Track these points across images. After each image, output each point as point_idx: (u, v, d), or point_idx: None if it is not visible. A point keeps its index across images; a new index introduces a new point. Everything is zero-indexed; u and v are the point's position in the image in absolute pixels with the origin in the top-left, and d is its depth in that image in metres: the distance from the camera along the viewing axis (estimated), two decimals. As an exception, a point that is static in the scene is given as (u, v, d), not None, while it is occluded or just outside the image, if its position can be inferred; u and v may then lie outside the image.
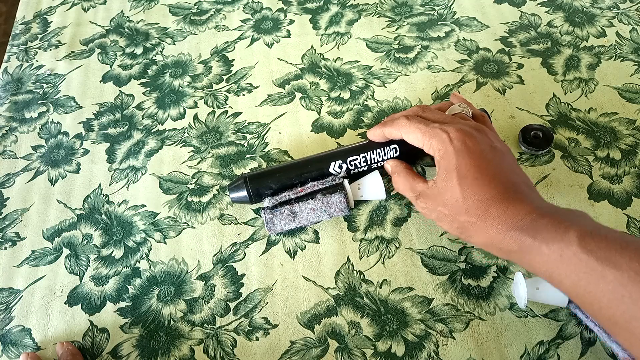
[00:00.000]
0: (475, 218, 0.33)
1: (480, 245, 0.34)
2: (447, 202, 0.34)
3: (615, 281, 0.27)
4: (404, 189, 0.39)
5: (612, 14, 0.54)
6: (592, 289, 0.28)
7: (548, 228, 0.30)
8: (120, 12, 0.60)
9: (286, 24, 0.57)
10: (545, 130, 0.45)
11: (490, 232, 0.32)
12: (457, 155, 0.34)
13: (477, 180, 0.33)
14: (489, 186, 0.33)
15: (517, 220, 0.31)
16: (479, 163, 0.33)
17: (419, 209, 0.37)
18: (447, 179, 0.34)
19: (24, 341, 0.39)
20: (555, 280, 0.30)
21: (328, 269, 0.41)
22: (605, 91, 0.49)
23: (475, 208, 0.33)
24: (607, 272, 0.27)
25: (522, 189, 0.33)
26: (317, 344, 0.38)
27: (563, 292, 0.30)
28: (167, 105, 0.51)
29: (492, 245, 0.33)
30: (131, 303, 0.40)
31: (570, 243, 0.29)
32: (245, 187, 0.41)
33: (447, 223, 0.35)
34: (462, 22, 0.55)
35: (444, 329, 0.38)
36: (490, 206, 0.32)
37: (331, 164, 0.42)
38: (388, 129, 0.39)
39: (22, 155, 0.49)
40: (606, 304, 0.28)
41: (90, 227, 0.44)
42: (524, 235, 0.31)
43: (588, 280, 0.28)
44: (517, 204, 0.32)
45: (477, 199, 0.33)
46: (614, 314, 0.27)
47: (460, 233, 0.34)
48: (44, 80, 0.54)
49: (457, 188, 0.33)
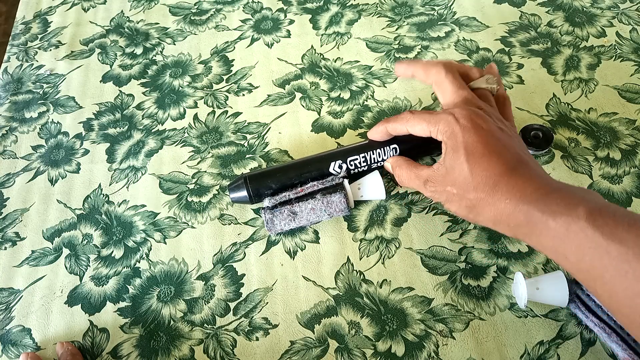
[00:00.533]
0: (484, 194, 0.32)
1: (488, 223, 0.34)
2: (455, 181, 0.34)
3: (619, 257, 0.27)
4: (408, 180, 0.38)
5: (612, 14, 0.54)
6: (596, 264, 0.28)
7: (557, 202, 0.30)
8: (120, 12, 0.60)
9: (286, 24, 0.57)
10: (545, 130, 0.45)
11: (499, 207, 0.32)
12: (463, 132, 0.34)
13: (485, 156, 0.33)
14: (498, 162, 0.33)
15: (526, 194, 0.31)
16: (486, 139, 0.33)
17: (428, 193, 0.37)
18: (455, 157, 0.34)
19: (24, 341, 0.39)
20: (561, 256, 0.30)
21: (328, 269, 0.41)
22: (605, 91, 0.49)
23: (483, 184, 0.32)
24: (612, 248, 0.27)
25: (531, 165, 0.33)
26: (317, 344, 0.38)
27: (568, 270, 0.30)
28: (167, 105, 0.51)
29: (501, 221, 0.32)
30: (131, 303, 0.40)
31: (578, 217, 0.28)
32: (245, 187, 0.41)
33: (455, 203, 0.35)
34: (462, 22, 0.55)
35: (444, 329, 0.38)
36: (499, 181, 0.32)
37: (331, 164, 0.42)
38: (392, 125, 0.39)
39: (22, 155, 0.49)
40: (609, 279, 0.27)
41: (90, 227, 0.44)
42: (532, 208, 0.30)
43: (592, 255, 0.28)
44: (526, 178, 0.32)
45: (485, 174, 0.32)
46: (616, 290, 0.27)
47: (468, 212, 0.34)
48: (44, 80, 0.54)
49: (465, 165, 0.33)
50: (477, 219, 0.34)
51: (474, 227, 0.42)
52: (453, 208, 0.35)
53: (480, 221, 0.34)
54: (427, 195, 0.37)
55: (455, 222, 0.42)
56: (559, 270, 0.39)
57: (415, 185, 0.38)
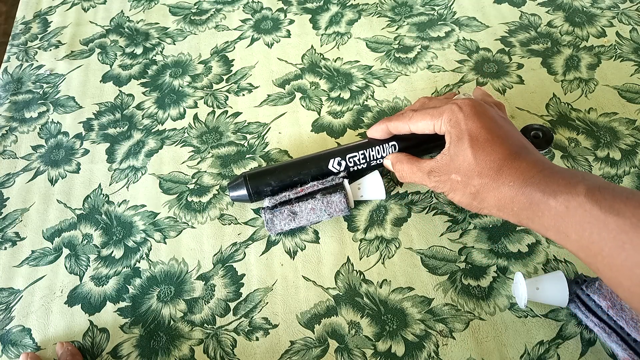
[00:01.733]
0: (488, 178, 0.33)
1: (492, 209, 0.34)
2: (460, 168, 0.34)
3: (617, 229, 0.27)
4: (411, 173, 0.38)
5: (612, 14, 0.54)
6: (595, 239, 0.28)
7: (558, 182, 0.30)
8: (120, 12, 0.60)
9: (286, 24, 0.57)
10: (545, 130, 0.45)
11: (503, 191, 0.32)
12: (467, 119, 0.34)
13: (489, 141, 0.33)
14: (501, 146, 0.33)
15: (529, 177, 0.32)
16: (489, 126, 0.34)
17: (432, 184, 0.37)
18: (459, 144, 0.34)
19: (24, 341, 0.39)
20: (562, 235, 0.30)
21: (328, 269, 0.41)
22: (605, 91, 0.49)
23: (488, 168, 0.33)
24: (609, 220, 0.27)
25: (532, 150, 0.34)
26: (317, 344, 0.38)
27: (570, 250, 0.30)
28: (167, 105, 0.51)
29: (505, 206, 0.33)
30: (131, 303, 0.40)
31: (577, 194, 0.29)
32: (245, 186, 0.41)
33: (460, 191, 0.35)
34: (462, 22, 0.55)
35: (444, 329, 0.38)
36: (503, 165, 0.33)
37: (330, 161, 0.42)
38: (394, 123, 0.39)
39: (22, 155, 0.49)
40: (608, 252, 0.28)
41: (90, 227, 0.44)
42: (534, 190, 0.31)
43: (591, 230, 0.28)
44: (528, 162, 0.33)
45: (489, 159, 0.33)
46: (615, 262, 0.27)
47: (473, 199, 0.34)
48: (44, 80, 0.54)
49: (469, 150, 0.34)
50: (481, 205, 0.34)
51: (474, 227, 0.42)
52: (457, 197, 0.35)
53: (484, 208, 0.35)
54: (430, 186, 0.37)
55: (455, 222, 0.42)
56: (559, 270, 0.39)
57: (418, 178, 0.38)
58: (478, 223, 0.42)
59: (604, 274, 0.29)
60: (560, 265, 0.40)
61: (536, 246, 0.41)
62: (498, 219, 0.42)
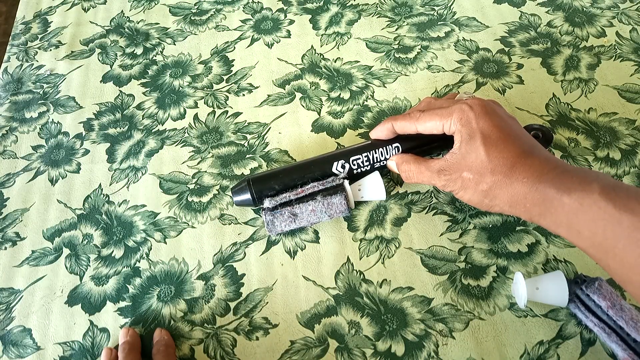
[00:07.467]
0: (501, 175, 0.33)
1: (504, 207, 0.34)
2: (471, 165, 0.34)
3: (631, 226, 0.27)
4: (418, 173, 0.38)
5: (612, 14, 0.54)
6: (609, 235, 0.28)
7: (572, 179, 0.31)
8: (121, 12, 0.60)
9: (286, 24, 0.57)
10: (545, 131, 0.45)
11: (516, 187, 0.33)
12: (478, 118, 0.35)
13: (501, 139, 0.34)
14: (514, 144, 0.34)
15: (542, 174, 0.32)
16: (500, 125, 0.35)
17: (441, 182, 0.37)
18: (471, 142, 0.34)
19: (24, 341, 0.39)
20: (574, 232, 0.30)
21: (328, 268, 0.41)
22: (605, 91, 0.49)
23: (501, 165, 0.33)
24: (623, 218, 0.28)
25: (543, 149, 0.35)
26: (317, 344, 0.38)
27: (581, 247, 0.30)
28: (167, 105, 0.51)
29: (517, 202, 0.33)
30: (131, 303, 0.40)
31: (591, 192, 0.29)
32: (248, 190, 0.41)
33: (471, 189, 0.35)
34: (462, 22, 0.55)
35: (444, 329, 0.38)
36: (516, 162, 0.33)
37: (334, 164, 0.42)
38: (400, 123, 0.39)
39: (22, 155, 0.49)
40: (621, 249, 0.28)
41: (90, 227, 0.44)
42: (548, 186, 0.31)
43: (605, 226, 0.28)
44: (541, 159, 0.33)
45: (502, 156, 0.33)
46: (628, 259, 0.28)
47: (484, 197, 0.35)
48: (44, 80, 0.54)
49: (482, 148, 0.34)
50: (492, 203, 0.35)
51: (474, 227, 0.42)
52: (467, 195, 0.36)
53: (495, 205, 0.35)
54: (439, 185, 0.37)
55: (455, 222, 0.42)
56: (558, 270, 0.39)
57: (426, 178, 0.38)
58: (478, 223, 0.42)
59: (615, 271, 0.29)
60: (560, 265, 0.40)
61: (536, 246, 0.41)
62: (498, 218, 0.42)
